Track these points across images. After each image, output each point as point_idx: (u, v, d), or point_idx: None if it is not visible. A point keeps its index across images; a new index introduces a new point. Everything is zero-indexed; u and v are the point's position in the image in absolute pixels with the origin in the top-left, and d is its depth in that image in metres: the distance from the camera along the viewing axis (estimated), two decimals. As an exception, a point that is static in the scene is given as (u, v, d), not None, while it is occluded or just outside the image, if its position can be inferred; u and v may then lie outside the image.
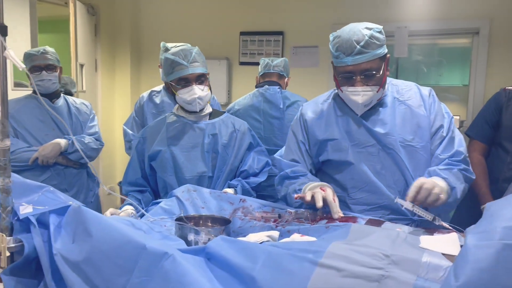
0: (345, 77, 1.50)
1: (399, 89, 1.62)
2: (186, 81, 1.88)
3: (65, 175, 2.53)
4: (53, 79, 2.49)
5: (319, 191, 1.42)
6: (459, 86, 5.36)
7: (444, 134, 1.54)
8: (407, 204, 1.27)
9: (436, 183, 1.33)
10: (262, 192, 2.72)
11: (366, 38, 1.44)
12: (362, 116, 1.58)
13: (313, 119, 1.66)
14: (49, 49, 2.52)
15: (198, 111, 1.94)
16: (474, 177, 1.52)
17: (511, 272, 0.75)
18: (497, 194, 1.52)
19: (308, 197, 1.42)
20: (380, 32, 1.48)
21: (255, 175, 2.00)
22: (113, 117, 4.60)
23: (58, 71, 2.55)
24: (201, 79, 1.90)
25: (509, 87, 2.10)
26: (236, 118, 2.09)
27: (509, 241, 0.78)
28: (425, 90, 1.60)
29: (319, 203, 1.38)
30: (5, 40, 1.06)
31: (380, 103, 1.59)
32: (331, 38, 1.54)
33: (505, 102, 2.03)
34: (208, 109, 2.02)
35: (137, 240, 0.99)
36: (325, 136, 1.61)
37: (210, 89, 1.98)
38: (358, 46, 1.43)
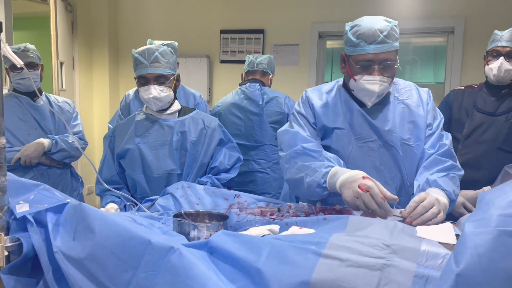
0: (364, 65, 1.50)
1: (399, 88, 1.64)
2: (145, 80, 1.90)
3: (48, 175, 2.49)
4: (34, 77, 2.45)
5: (364, 194, 1.27)
6: (432, 83, 5.53)
7: (433, 131, 1.58)
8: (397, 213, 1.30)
9: (436, 201, 1.30)
10: (243, 188, 2.73)
11: (389, 28, 1.46)
12: (366, 111, 1.58)
13: (320, 105, 1.63)
14: (30, 46, 2.47)
15: (155, 110, 1.95)
16: (462, 173, 1.55)
17: (507, 256, 0.79)
18: None
19: (356, 203, 1.29)
20: (396, 26, 1.50)
21: (226, 171, 2.01)
22: (91, 116, 4.52)
23: (40, 69, 2.50)
24: (160, 80, 1.90)
25: (457, 88, 2.41)
26: (206, 115, 2.09)
27: (505, 228, 0.82)
28: (424, 92, 1.64)
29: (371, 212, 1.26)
30: None
31: (383, 101, 1.60)
32: (347, 27, 1.53)
33: (454, 100, 2.33)
34: (176, 107, 2.02)
35: (142, 235, 0.99)
36: (333, 124, 1.60)
37: (175, 90, 1.98)
38: (381, 35, 1.45)
